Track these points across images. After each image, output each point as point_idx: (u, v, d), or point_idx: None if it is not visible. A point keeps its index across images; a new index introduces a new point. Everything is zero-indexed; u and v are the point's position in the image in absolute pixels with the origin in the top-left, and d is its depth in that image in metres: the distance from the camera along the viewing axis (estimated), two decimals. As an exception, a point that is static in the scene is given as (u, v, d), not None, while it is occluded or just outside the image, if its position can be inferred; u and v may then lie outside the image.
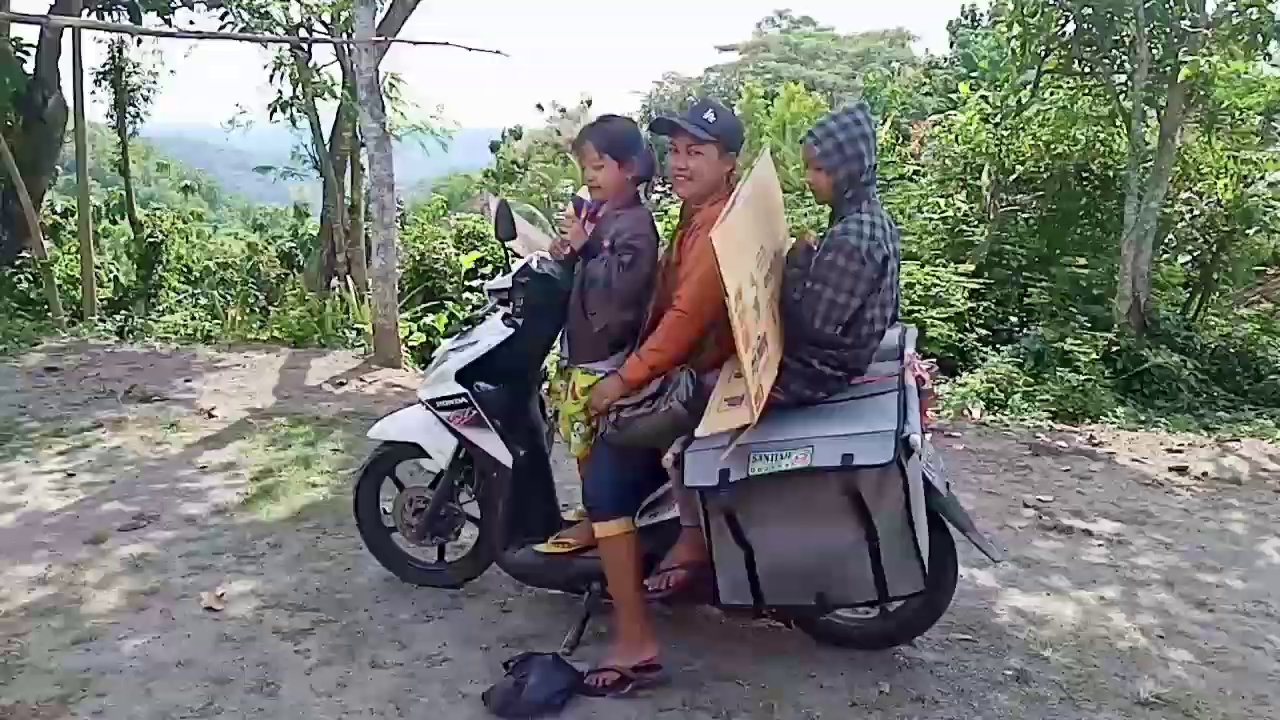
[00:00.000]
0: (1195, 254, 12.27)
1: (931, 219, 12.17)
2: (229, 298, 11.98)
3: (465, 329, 3.66)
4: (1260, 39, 8.06)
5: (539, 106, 50.77)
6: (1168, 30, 9.43)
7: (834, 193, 3.09)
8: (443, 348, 3.65)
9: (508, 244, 3.42)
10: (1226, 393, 9.66)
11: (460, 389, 3.45)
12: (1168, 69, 9.73)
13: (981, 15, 42.82)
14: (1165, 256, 12.06)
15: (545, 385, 3.70)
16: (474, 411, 3.46)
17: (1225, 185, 11.58)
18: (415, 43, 7.39)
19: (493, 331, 3.45)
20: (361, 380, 7.22)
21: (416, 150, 11.65)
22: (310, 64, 10.50)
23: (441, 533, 3.80)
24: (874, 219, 3.06)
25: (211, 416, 6.14)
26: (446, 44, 7.60)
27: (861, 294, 3.00)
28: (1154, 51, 9.28)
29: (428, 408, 3.56)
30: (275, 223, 24.42)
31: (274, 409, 6.38)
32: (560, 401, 3.44)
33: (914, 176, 12.79)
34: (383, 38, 7.30)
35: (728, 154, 3.21)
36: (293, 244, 17.32)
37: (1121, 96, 10.14)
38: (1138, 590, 4.18)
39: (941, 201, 12.31)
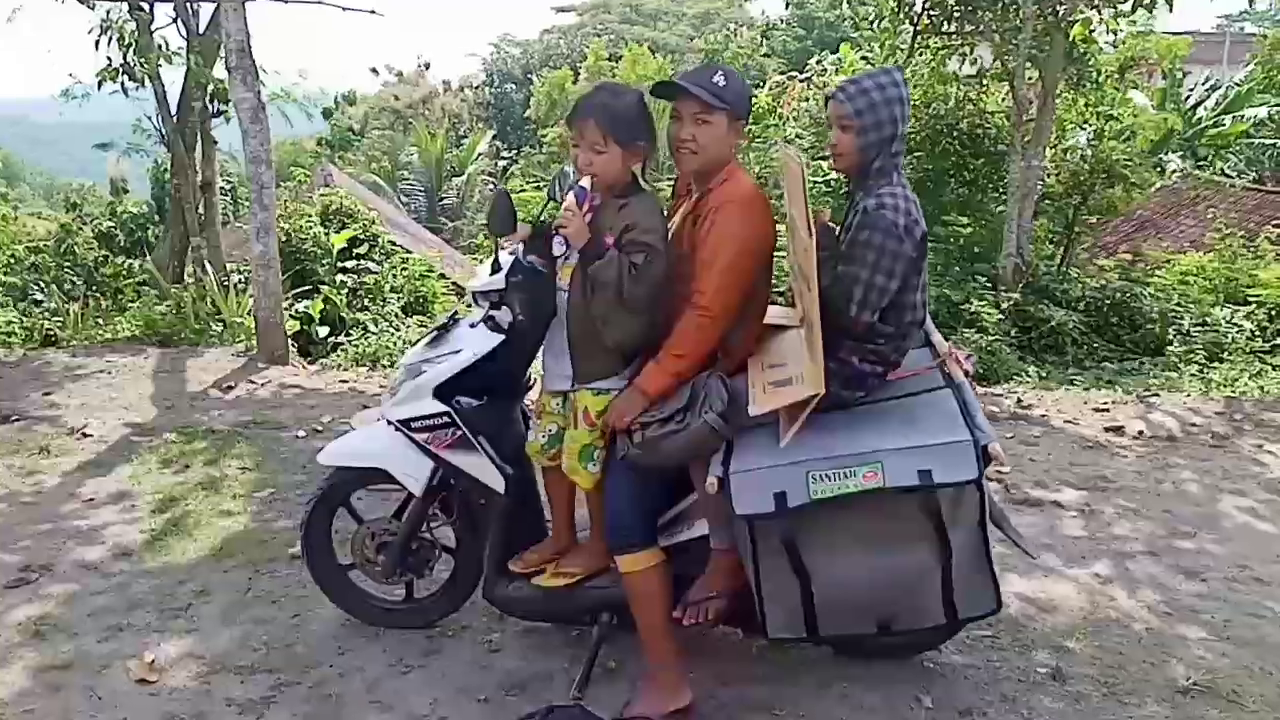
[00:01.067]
0: (1059, 209, 12.66)
1: (814, 182, 12.10)
2: (42, 285, 10.80)
3: (434, 334, 3.15)
4: (1148, -4, 8.24)
5: (373, 70, 48.85)
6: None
7: (859, 159, 2.76)
8: (410, 357, 3.14)
9: (504, 240, 2.92)
10: (1107, 344, 9.99)
11: (442, 407, 2.97)
12: (1041, 25, 9.85)
13: (819, -24, 43.68)
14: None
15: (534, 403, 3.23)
16: (458, 432, 2.99)
17: (1087, 141, 11.98)
18: (286, 1, 6.63)
19: (477, 338, 2.97)
20: (251, 382, 6.50)
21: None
22: (151, 26, 9.41)
23: (414, 569, 3.33)
24: (907, 192, 2.77)
25: (86, 436, 5.35)
26: (320, 2, 6.93)
27: (901, 275, 2.69)
28: (1039, 10, 9.36)
29: (399, 429, 3.07)
30: (86, 200, 22.60)
31: (158, 422, 5.63)
32: (566, 427, 2.98)
33: (795, 139, 12.66)
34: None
35: (736, 123, 2.84)
36: (111, 223, 15.85)
37: (1006, 56, 10.25)
38: (1127, 564, 4.10)
39: (823, 164, 12.24)
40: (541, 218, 3.10)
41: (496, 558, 3.16)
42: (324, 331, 9.82)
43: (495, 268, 2.88)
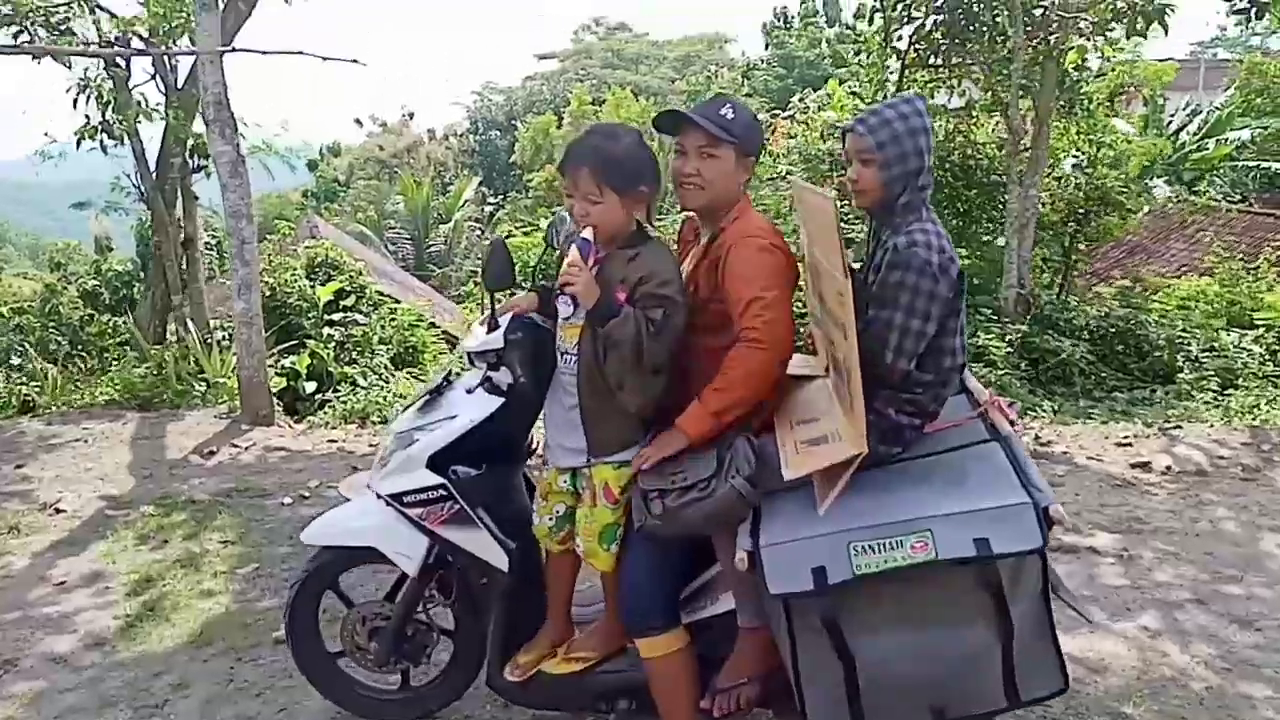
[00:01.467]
0: (1055, 236, 12.49)
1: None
2: (27, 347, 10.52)
3: (425, 398, 2.88)
4: (1142, 21, 8.09)
5: (358, 121, 48.97)
6: (1027, 19, 9.40)
7: (883, 194, 2.52)
8: (401, 424, 2.87)
9: (498, 294, 2.66)
10: (1115, 373, 9.74)
11: (437, 479, 2.70)
12: (1031, 54, 9.73)
13: (794, 17, 44.03)
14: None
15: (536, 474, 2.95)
16: (456, 506, 2.72)
17: (1074, 168, 11.84)
18: (265, 53, 6.43)
19: (475, 402, 2.70)
20: (235, 446, 6.20)
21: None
22: (129, 83, 9.22)
23: (410, 656, 3.03)
24: (939, 228, 2.54)
25: (59, 511, 5.05)
26: (301, 53, 6.74)
27: (938, 317, 2.44)
28: (1029, 39, 9.22)
29: (390, 504, 2.79)
30: (71, 259, 22.45)
31: (135, 494, 5.32)
32: (576, 506, 2.70)
33: (786, 176, 12.52)
34: (230, 47, 6.32)
35: (745, 159, 2.60)
36: (96, 281, 15.63)
37: (997, 87, 10.11)
38: (1175, 614, 3.83)
39: (816, 200, 12.08)
40: (538, 267, 2.85)
41: (501, 642, 2.87)
42: (311, 387, 9.53)
43: (492, 325, 2.63)
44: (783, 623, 2.35)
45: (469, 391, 2.69)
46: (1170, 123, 21.78)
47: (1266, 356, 9.18)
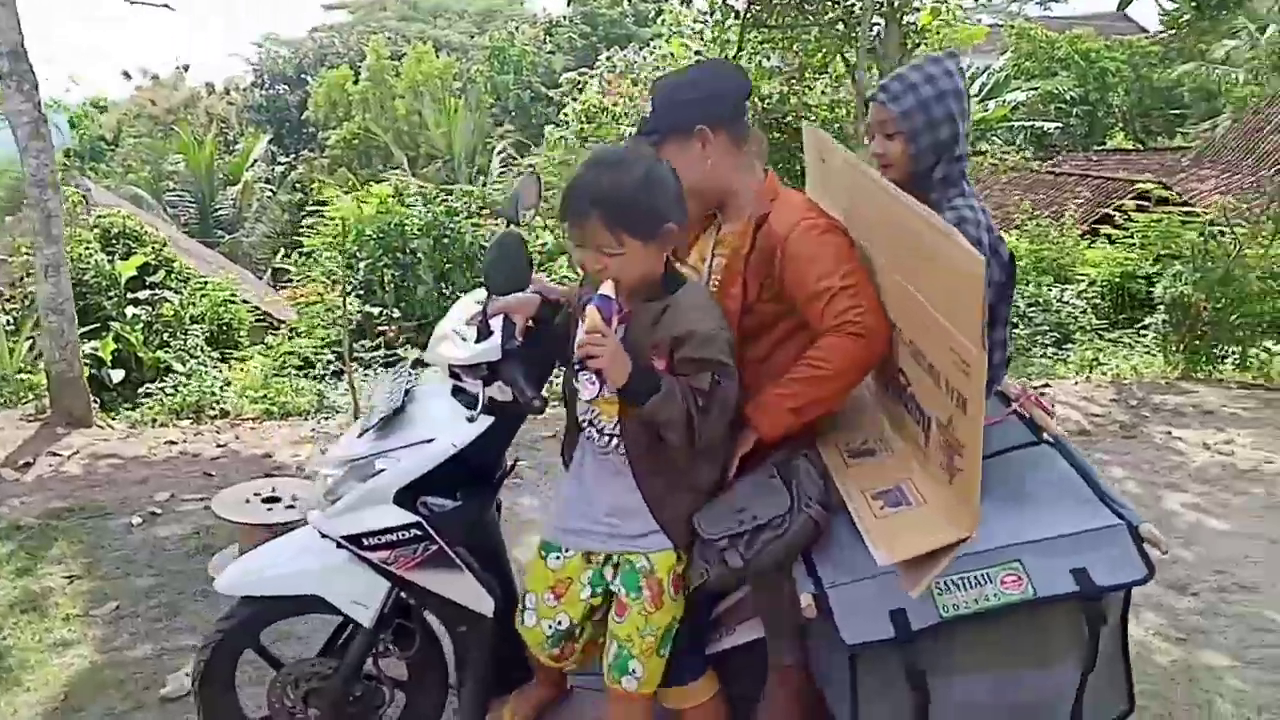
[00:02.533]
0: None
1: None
2: None
3: (380, 416, 2.36)
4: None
5: (125, 74, 44.78)
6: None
7: (913, 167, 2.29)
8: (354, 448, 2.34)
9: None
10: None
11: (410, 517, 2.23)
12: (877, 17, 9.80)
13: (601, -26, 43.54)
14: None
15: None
16: (432, 546, 2.26)
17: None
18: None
19: (456, 423, 2.23)
20: (54, 454, 5.31)
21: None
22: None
23: (357, 719, 2.55)
24: (982, 204, 2.32)
25: None
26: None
27: (988, 304, 2.21)
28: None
29: (343, 545, 2.30)
30: None
31: (-60, 521, 4.45)
32: (624, 617, 2.18)
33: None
34: (23, -14, 5.33)
35: (693, 135, 2.19)
36: None
37: (836, 48, 10.16)
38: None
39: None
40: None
41: (479, 697, 2.45)
42: (118, 376, 8.49)
43: (483, 331, 2.16)
44: (845, 671, 2.04)
45: (470, 420, 2.20)
46: (955, 85, 23.03)
47: (1090, 310, 9.72)
